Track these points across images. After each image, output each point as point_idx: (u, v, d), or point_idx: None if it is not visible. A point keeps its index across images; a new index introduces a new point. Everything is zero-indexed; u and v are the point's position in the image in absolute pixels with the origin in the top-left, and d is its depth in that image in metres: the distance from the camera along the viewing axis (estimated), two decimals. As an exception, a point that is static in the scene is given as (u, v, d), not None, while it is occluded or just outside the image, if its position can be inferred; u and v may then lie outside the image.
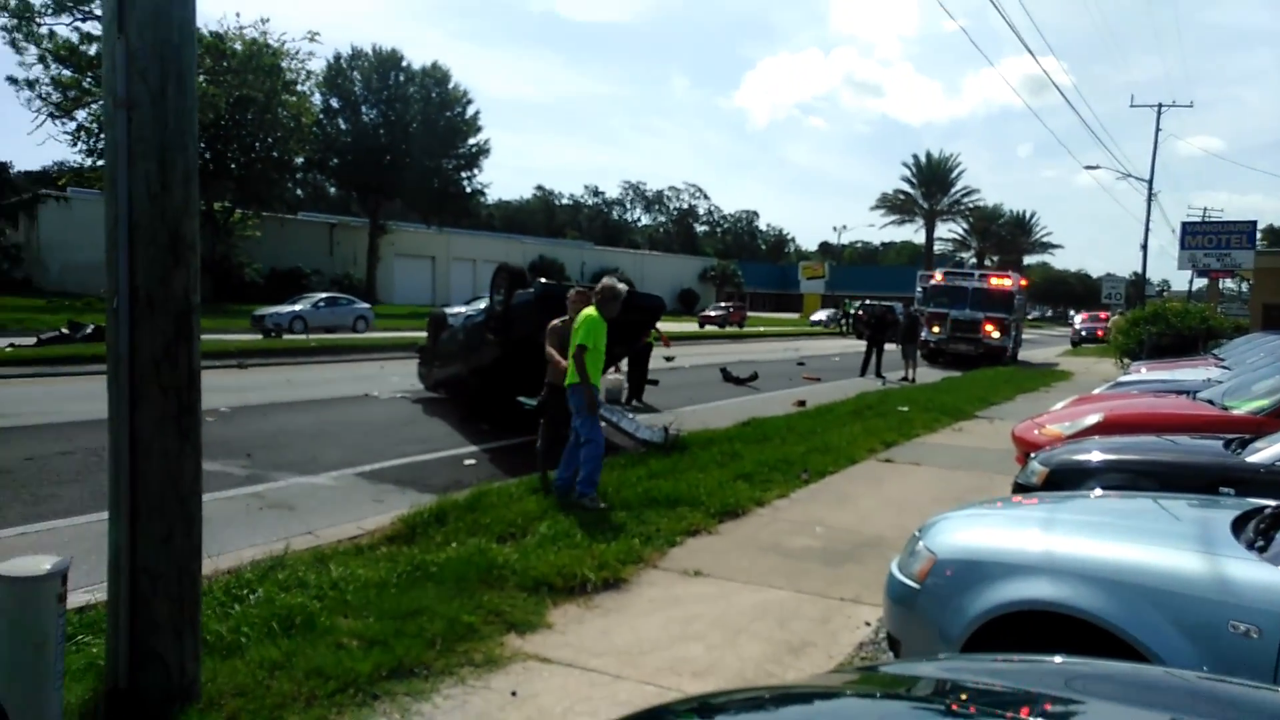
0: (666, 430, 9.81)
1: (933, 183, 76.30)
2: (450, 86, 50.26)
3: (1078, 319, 53.49)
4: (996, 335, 26.80)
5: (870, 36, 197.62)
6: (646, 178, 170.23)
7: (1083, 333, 46.84)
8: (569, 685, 3.97)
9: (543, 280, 10.58)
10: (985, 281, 28.06)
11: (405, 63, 49.27)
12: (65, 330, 20.07)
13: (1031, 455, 6.43)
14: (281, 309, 29.38)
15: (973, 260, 79.34)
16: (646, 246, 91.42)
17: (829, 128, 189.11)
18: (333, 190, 60.13)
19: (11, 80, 33.79)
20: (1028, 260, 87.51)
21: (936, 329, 27.14)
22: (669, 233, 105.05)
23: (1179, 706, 1.80)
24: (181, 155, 3.40)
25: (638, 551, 5.80)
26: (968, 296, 27.15)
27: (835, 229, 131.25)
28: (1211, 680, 2.08)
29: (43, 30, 32.63)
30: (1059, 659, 2.10)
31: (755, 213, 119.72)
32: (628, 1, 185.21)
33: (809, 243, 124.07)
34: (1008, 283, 27.94)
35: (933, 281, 28.62)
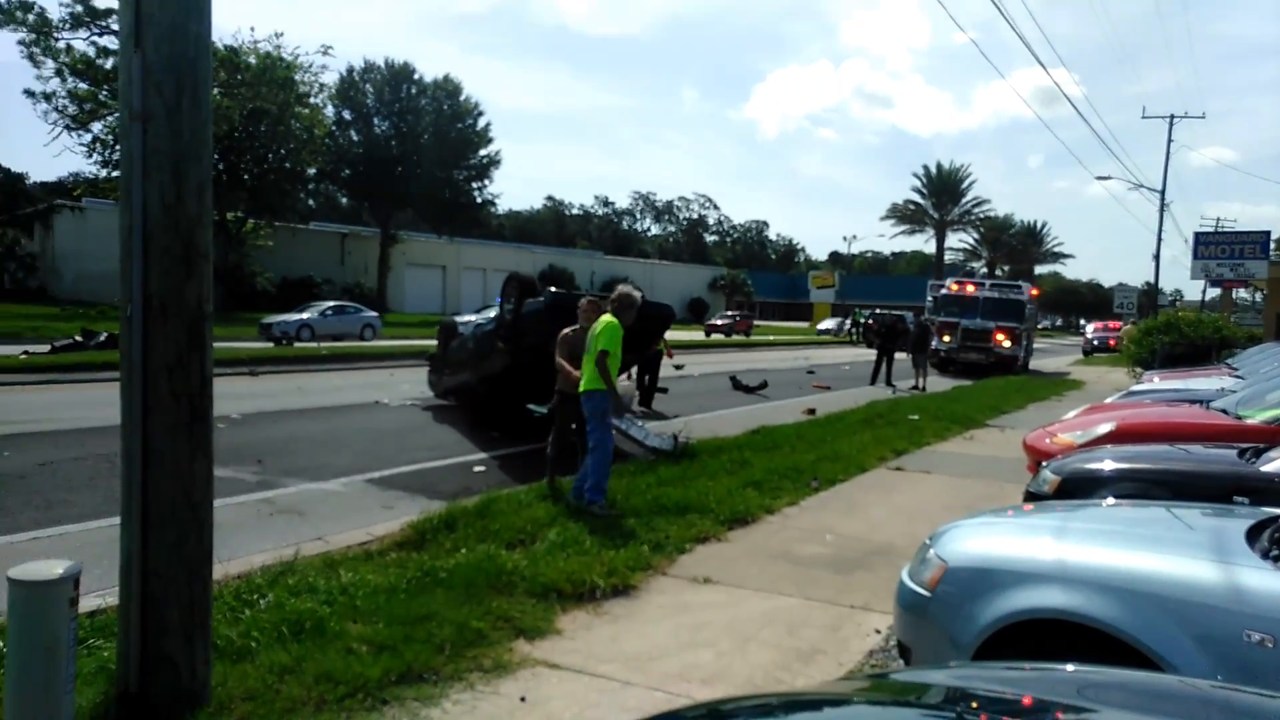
0: (676, 438, 9.80)
1: (943, 193, 76.13)
2: (461, 99, 50.65)
3: (1090, 328, 53.26)
4: (1008, 344, 26.69)
5: (880, 49, 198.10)
6: (656, 188, 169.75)
7: (1094, 342, 46.62)
8: (578, 691, 3.96)
9: (553, 289, 10.63)
10: (996, 291, 27.98)
11: (417, 75, 49.77)
12: (79, 338, 20.23)
13: (1043, 464, 6.40)
14: (289, 317, 29.50)
15: (983, 270, 79.09)
16: (656, 256, 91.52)
17: (839, 139, 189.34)
18: (344, 200, 60.51)
19: (29, 93, 33.97)
20: (1039, 270, 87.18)
21: (947, 338, 27.06)
22: (679, 243, 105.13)
23: (1193, 715, 1.79)
24: (196, 166, 3.43)
25: (647, 558, 5.79)
26: (979, 306, 27.06)
27: (845, 239, 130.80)
28: (1226, 689, 2.06)
29: (60, 44, 33.03)
30: (1071, 667, 2.09)
31: (765, 223, 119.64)
32: (638, 14, 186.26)
33: (819, 252, 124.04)
34: (1020, 292, 27.86)
35: (944, 290, 28.56)
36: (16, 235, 39.91)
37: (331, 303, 33.29)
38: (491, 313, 12.19)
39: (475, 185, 52.32)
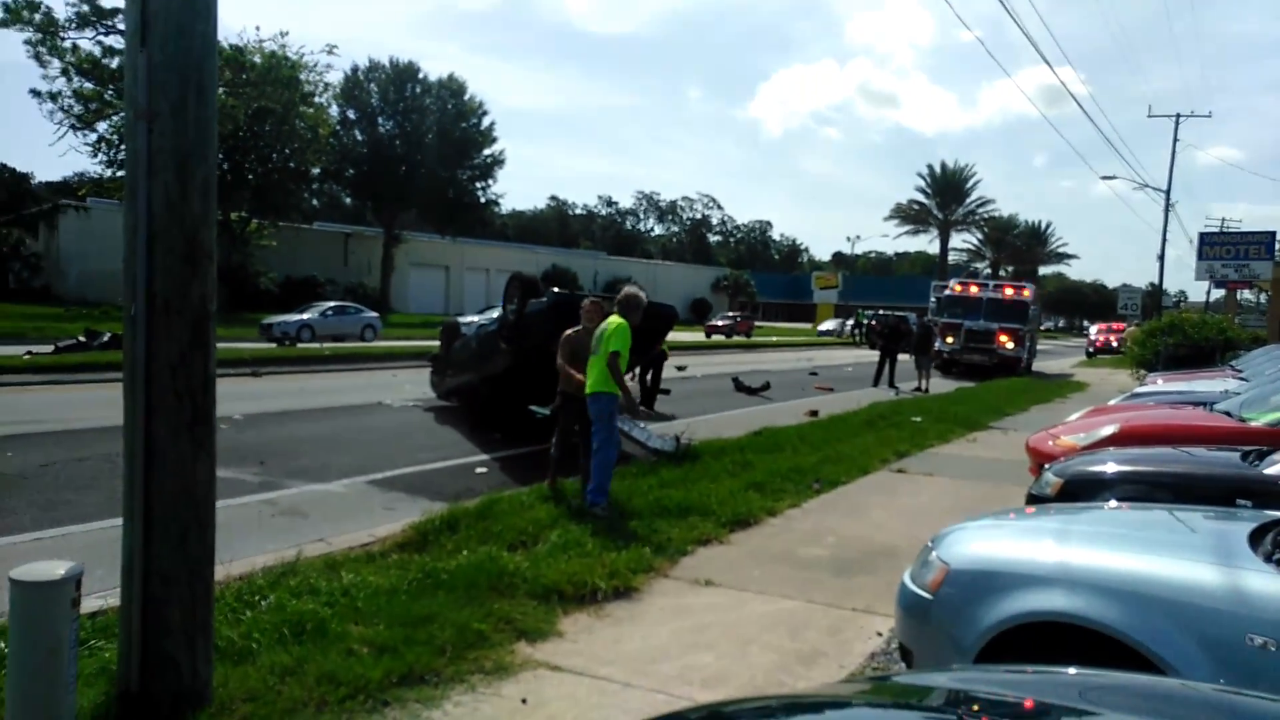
0: (678, 439, 9.79)
1: (947, 193, 76.07)
2: (466, 98, 50.64)
3: (1093, 329, 53.18)
4: (1011, 346, 26.66)
5: (885, 47, 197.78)
6: (660, 188, 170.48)
7: (1098, 342, 46.61)
8: (579, 693, 3.96)
9: (556, 290, 10.63)
10: (1000, 292, 27.96)
11: (421, 75, 49.75)
12: (82, 338, 20.27)
13: (1046, 466, 6.39)
14: (289, 318, 29.51)
15: (987, 270, 79.01)
16: (659, 256, 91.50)
17: (843, 138, 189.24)
18: (348, 200, 60.52)
19: (34, 93, 34.04)
20: (1043, 270, 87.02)
21: (951, 339, 27.03)
22: (682, 243, 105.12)
23: (1195, 718, 1.78)
24: (201, 165, 3.44)
25: (649, 560, 5.79)
26: (982, 307, 27.03)
27: (849, 239, 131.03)
28: (1228, 693, 2.06)
29: (65, 44, 33.10)
30: (1073, 670, 2.08)
31: (769, 223, 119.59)
32: (642, 13, 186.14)
33: (823, 253, 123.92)
34: (1023, 293, 27.83)
35: (947, 291, 28.53)
36: (21, 235, 40.00)
37: (332, 303, 33.29)
38: (494, 313, 12.17)
39: (479, 185, 52.32)
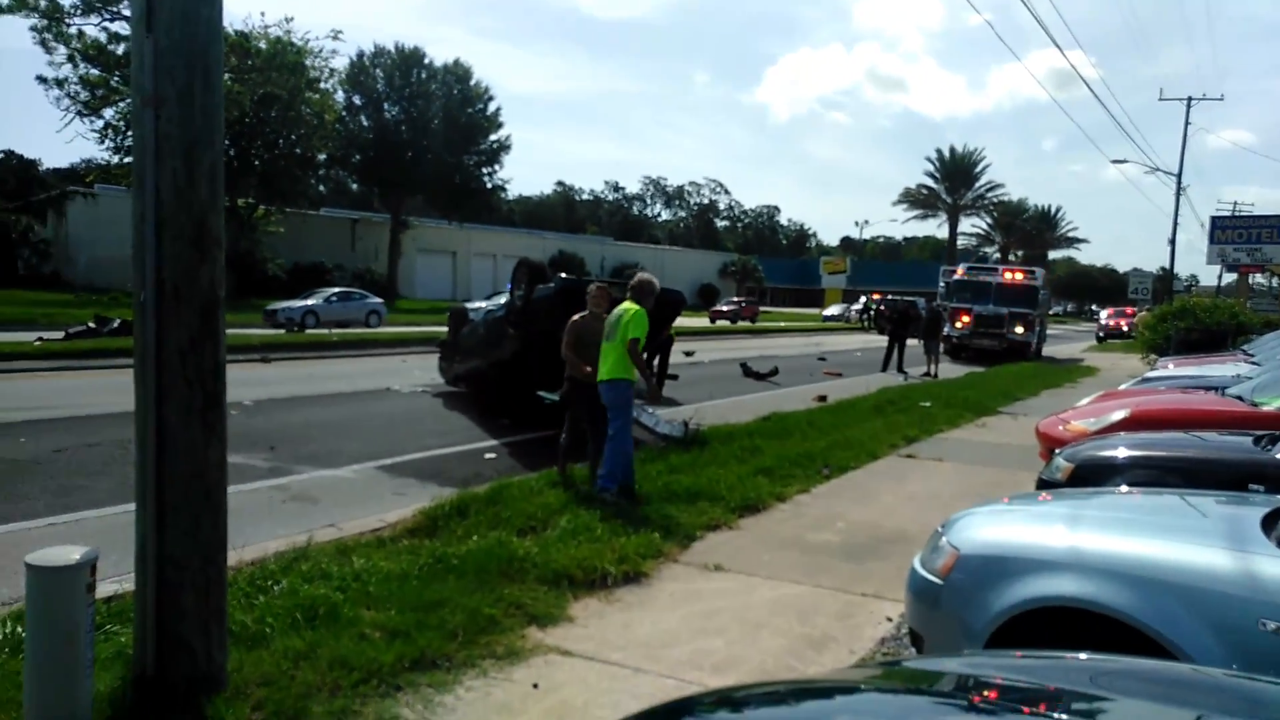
0: (686, 425, 9.80)
1: (956, 177, 75.62)
2: (471, 83, 50.47)
3: (1103, 314, 52.91)
4: (1020, 330, 26.54)
5: (893, 31, 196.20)
6: (667, 173, 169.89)
7: (1108, 326, 46.40)
8: (590, 678, 3.98)
9: (563, 275, 10.62)
10: (1009, 276, 27.81)
11: (427, 60, 49.61)
12: (92, 324, 20.34)
13: (1056, 451, 6.37)
14: (293, 304, 29.51)
15: (996, 255, 78.60)
16: (667, 242, 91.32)
17: (851, 122, 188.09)
18: (355, 186, 60.50)
19: (41, 79, 34.12)
20: (1053, 255, 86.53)
21: (959, 324, 26.92)
22: (689, 228, 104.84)
23: (1206, 704, 1.78)
24: (208, 151, 3.43)
25: (658, 546, 5.80)
26: (991, 292, 26.90)
27: (857, 224, 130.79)
28: (1240, 678, 2.05)
29: (71, 30, 33.06)
30: (1084, 655, 2.08)
31: (776, 208, 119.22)
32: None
33: (830, 238, 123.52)
34: (1032, 278, 27.68)
35: (956, 276, 28.40)
36: (30, 222, 40.09)
37: (337, 289, 33.28)
38: (502, 299, 12.18)
39: (485, 171, 52.22)
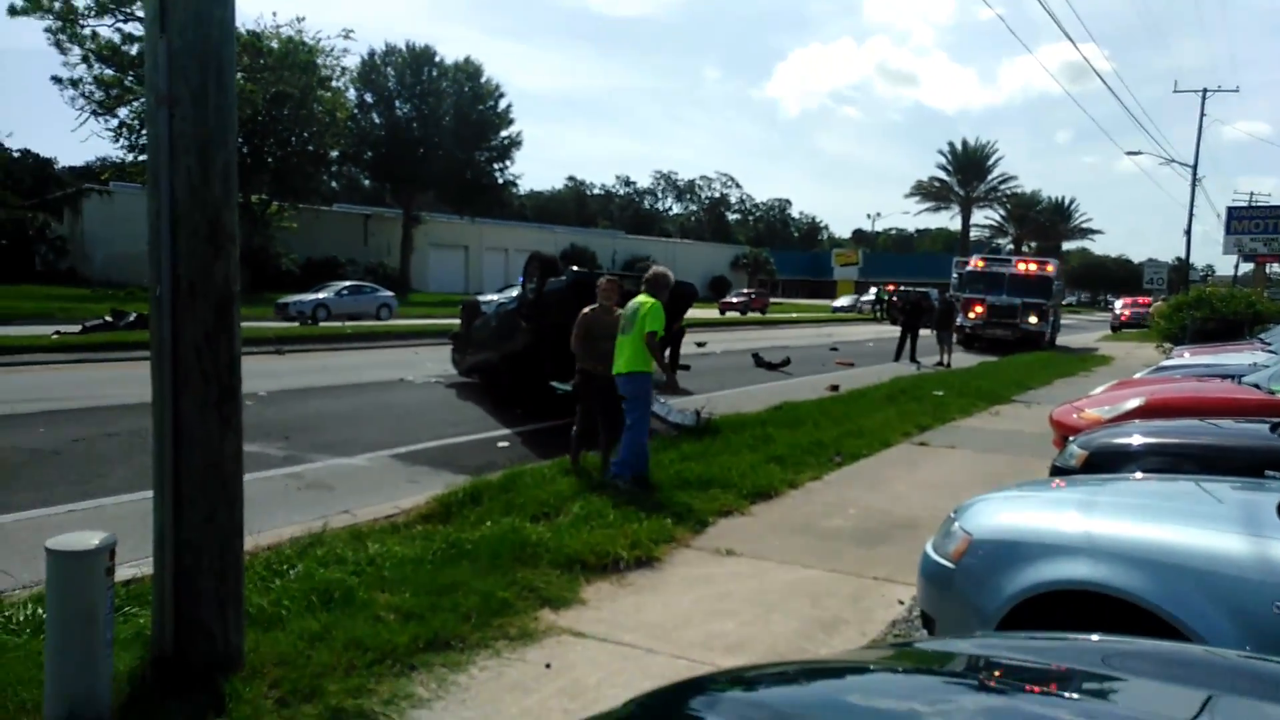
0: (699, 414, 9.81)
1: (969, 170, 75.17)
2: (482, 80, 50.61)
3: (1118, 304, 52.55)
4: (1034, 320, 26.39)
5: (904, 25, 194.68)
6: (678, 167, 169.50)
7: (1123, 316, 46.12)
8: (602, 659, 4.00)
9: (575, 268, 10.64)
10: (1022, 267, 27.67)
11: (438, 58, 49.74)
12: (109, 318, 20.54)
13: (1071, 439, 6.34)
14: (305, 297, 29.63)
15: (1010, 247, 78.10)
16: (678, 235, 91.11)
17: (862, 116, 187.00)
18: (367, 182, 60.67)
19: (56, 80, 34.37)
20: (1067, 246, 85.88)
21: (973, 315, 26.80)
22: (700, 221, 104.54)
23: (1218, 684, 1.77)
24: (221, 150, 3.47)
25: (670, 531, 5.82)
26: (1005, 282, 26.76)
27: (869, 216, 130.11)
28: (1253, 659, 2.04)
29: (85, 31, 33.30)
30: (1096, 637, 2.07)
31: (788, 201, 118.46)
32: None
33: (843, 230, 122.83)
34: (1046, 268, 27.52)
35: (969, 267, 28.26)
36: (47, 219, 40.52)
37: (347, 282, 33.40)
38: (514, 292, 12.21)
39: (496, 166, 52.36)
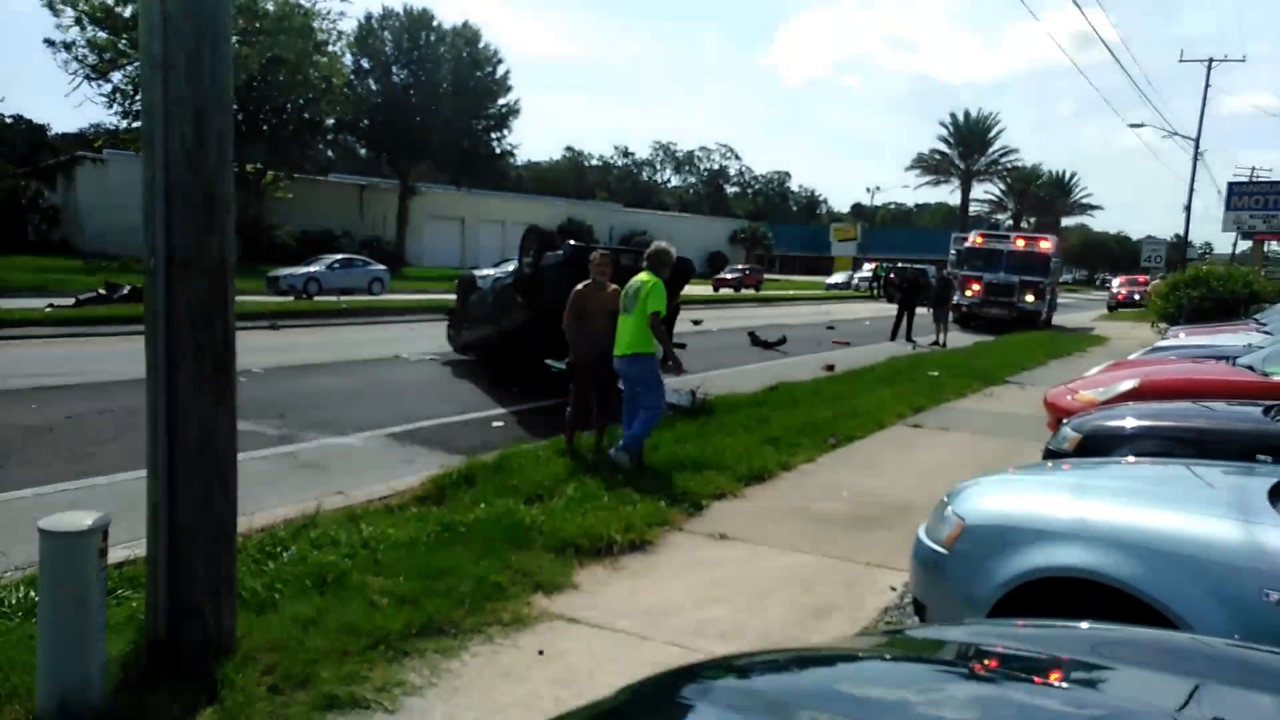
0: (694, 394, 9.80)
1: (970, 142, 74.62)
2: (480, 46, 49.97)
3: (1115, 282, 52.50)
4: (1031, 299, 26.37)
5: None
6: (677, 138, 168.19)
7: (1119, 295, 46.12)
8: (595, 645, 4.02)
9: (572, 242, 10.55)
10: (1021, 244, 27.60)
11: (436, 22, 49.06)
12: (102, 291, 20.39)
13: (1064, 421, 6.35)
14: (296, 270, 29.40)
15: (1009, 222, 77.84)
16: (676, 208, 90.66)
17: (864, 86, 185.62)
18: (363, 152, 60.20)
19: (49, 42, 33.89)
20: (1066, 222, 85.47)
21: (970, 293, 26.76)
22: (699, 194, 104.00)
23: (1206, 672, 1.78)
24: (217, 116, 3.40)
25: (664, 514, 5.83)
26: (1002, 259, 26.70)
27: (869, 190, 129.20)
28: (1241, 647, 2.05)
29: (79, -9, 32.81)
30: (1086, 625, 2.08)
31: (787, 173, 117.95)
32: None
33: (842, 204, 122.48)
34: (1044, 245, 27.45)
35: (967, 244, 28.18)
36: (39, 187, 40.07)
37: (339, 256, 33.03)
38: (510, 266, 12.13)
39: (494, 135, 51.88)
